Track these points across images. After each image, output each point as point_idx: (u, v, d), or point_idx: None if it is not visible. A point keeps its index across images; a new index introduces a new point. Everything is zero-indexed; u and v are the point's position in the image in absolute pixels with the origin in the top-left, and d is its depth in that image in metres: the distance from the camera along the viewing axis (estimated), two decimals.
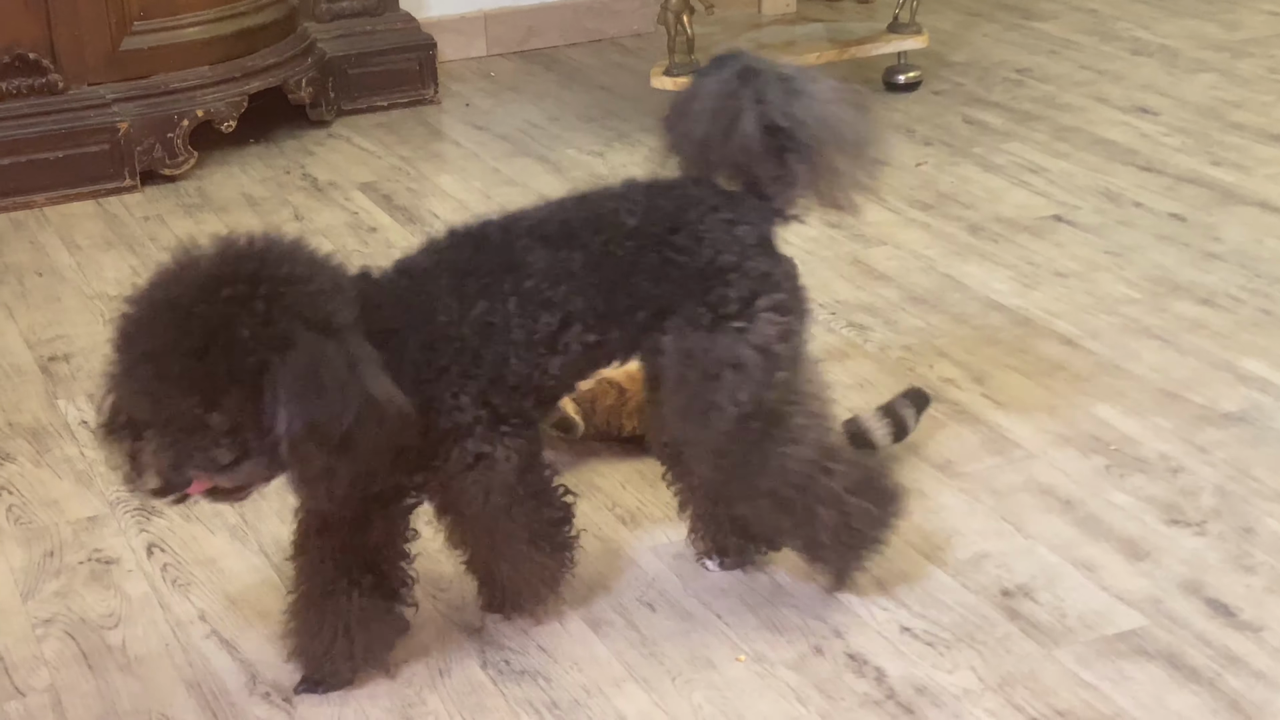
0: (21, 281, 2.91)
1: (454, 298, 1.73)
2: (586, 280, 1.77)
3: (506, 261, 1.76)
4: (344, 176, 3.36)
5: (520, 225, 1.80)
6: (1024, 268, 2.80)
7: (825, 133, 1.82)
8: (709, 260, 1.80)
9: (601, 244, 1.78)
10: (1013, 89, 3.69)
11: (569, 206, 1.83)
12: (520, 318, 1.75)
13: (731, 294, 1.80)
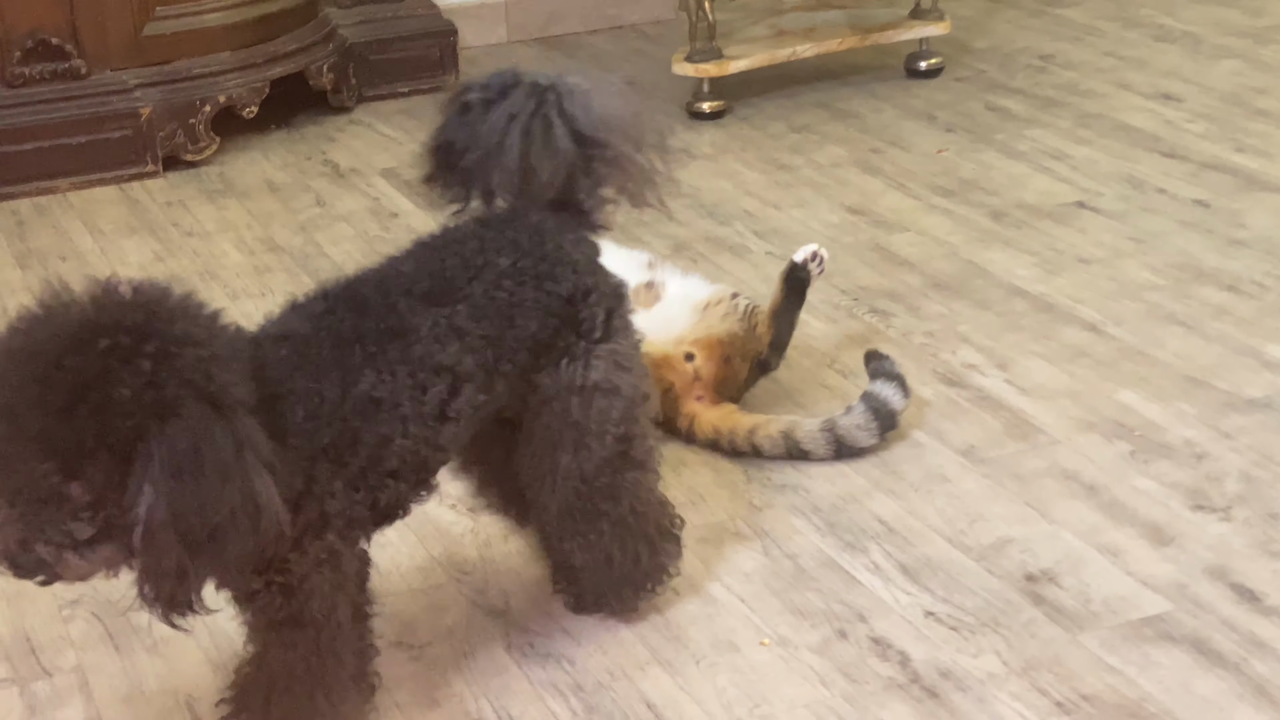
0: (45, 266, 2.92)
1: (338, 370, 1.58)
2: (475, 334, 1.67)
3: (391, 326, 1.62)
4: (365, 162, 3.36)
5: (395, 284, 1.66)
6: (1047, 254, 2.79)
7: (625, 133, 1.78)
8: (574, 285, 1.74)
9: (483, 291, 1.68)
10: (1035, 75, 3.68)
11: (434, 256, 1.71)
12: (411, 389, 1.62)
13: (597, 316, 1.76)
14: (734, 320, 2.29)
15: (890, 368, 2.29)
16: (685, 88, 3.58)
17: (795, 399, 2.38)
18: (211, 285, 2.82)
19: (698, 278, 2.39)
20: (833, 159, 3.27)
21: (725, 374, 2.28)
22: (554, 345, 1.74)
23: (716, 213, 3.04)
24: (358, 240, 2.98)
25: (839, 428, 2.20)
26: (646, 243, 2.89)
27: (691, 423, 2.26)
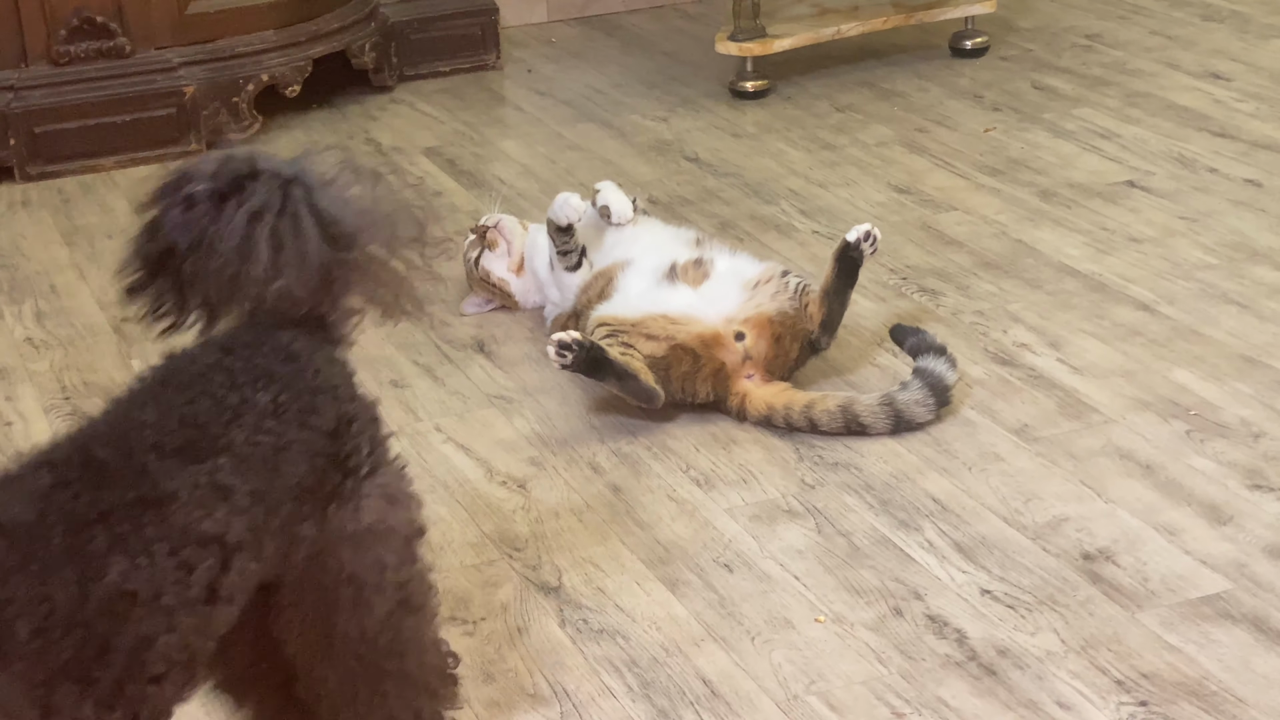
0: (92, 244, 2.92)
1: (75, 564, 1.25)
2: (242, 491, 1.36)
3: (143, 495, 1.30)
4: (408, 141, 3.36)
5: (138, 438, 1.34)
6: (1098, 233, 2.77)
7: (378, 232, 1.49)
8: (337, 416, 1.47)
9: (245, 438, 1.38)
10: (1082, 54, 3.65)
11: (178, 397, 1.39)
12: (173, 572, 1.30)
13: (361, 448, 1.48)
14: (784, 298, 2.28)
15: (930, 341, 2.27)
16: (728, 67, 3.56)
17: (845, 377, 2.37)
18: None
19: (746, 255, 2.38)
20: (878, 138, 3.25)
21: (776, 353, 2.26)
22: (320, 489, 1.44)
23: (761, 191, 3.03)
24: None
25: (897, 402, 2.19)
26: (691, 222, 2.88)
27: (743, 400, 2.24)
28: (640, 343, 2.23)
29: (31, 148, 3.18)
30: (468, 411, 2.33)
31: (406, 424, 2.29)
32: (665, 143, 3.28)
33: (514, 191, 3.07)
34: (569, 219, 2.39)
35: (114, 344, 2.55)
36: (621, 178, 3.09)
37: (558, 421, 2.29)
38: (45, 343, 2.56)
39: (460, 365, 2.46)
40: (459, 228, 2.89)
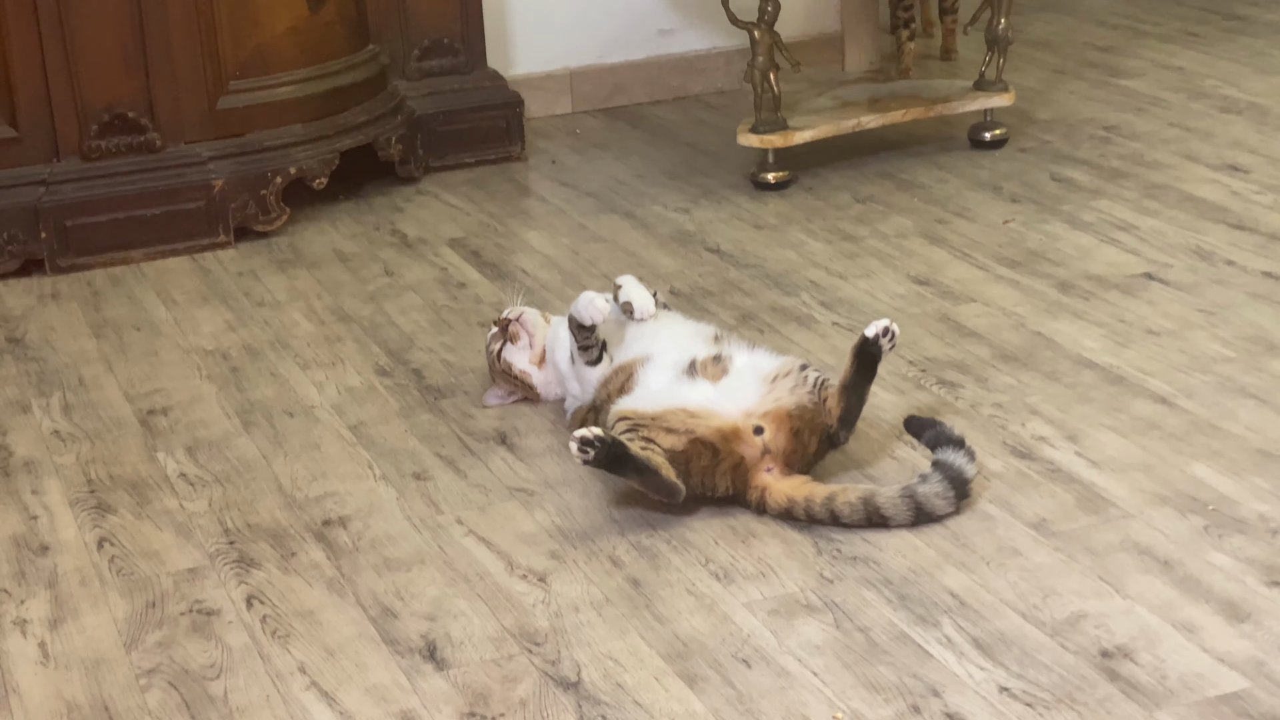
0: (120, 336, 2.96)
1: None
2: None
3: None
4: (433, 232, 3.40)
5: None
6: (1116, 326, 2.79)
7: None
8: None
9: None
10: (1100, 146, 3.68)
11: None
12: None
13: None
14: (803, 392, 2.29)
15: (948, 433, 2.29)
16: (750, 158, 3.60)
17: (864, 470, 2.38)
18: (282, 355, 2.85)
19: (765, 350, 2.40)
20: (898, 229, 3.28)
21: (794, 446, 2.28)
22: None
23: (782, 283, 3.05)
24: (426, 310, 3.01)
25: (918, 495, 2.20)
26: (713, 314, 2.91)
27: (763, 494, 2.26)
28: (660, 437, 2.25)
29: (62, 241, 3.23)
30: (489, 504, 2.34)
31: (428, 517, 2.31)
32: (687, 234, 3.32)
33: (537, 283, 3.10)
34: (593, 320, 2.41)
35: (140, 437, 2.58)
36: (644, 269, 3.13)
37: (578, 514, 2.30)
38: (72, 435, 2.59)
39: (482, 457, 2.48)
40: (482, 319, 2.93)
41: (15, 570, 2.22)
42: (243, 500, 2.37)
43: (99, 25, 3.20)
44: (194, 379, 2.77)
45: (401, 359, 2.82)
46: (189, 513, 2.35)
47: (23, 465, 2.50)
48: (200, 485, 2.42)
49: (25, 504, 2.39)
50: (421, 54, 3.73)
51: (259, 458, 2.49)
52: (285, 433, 2.57)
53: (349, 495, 2.38)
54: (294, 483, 2.42)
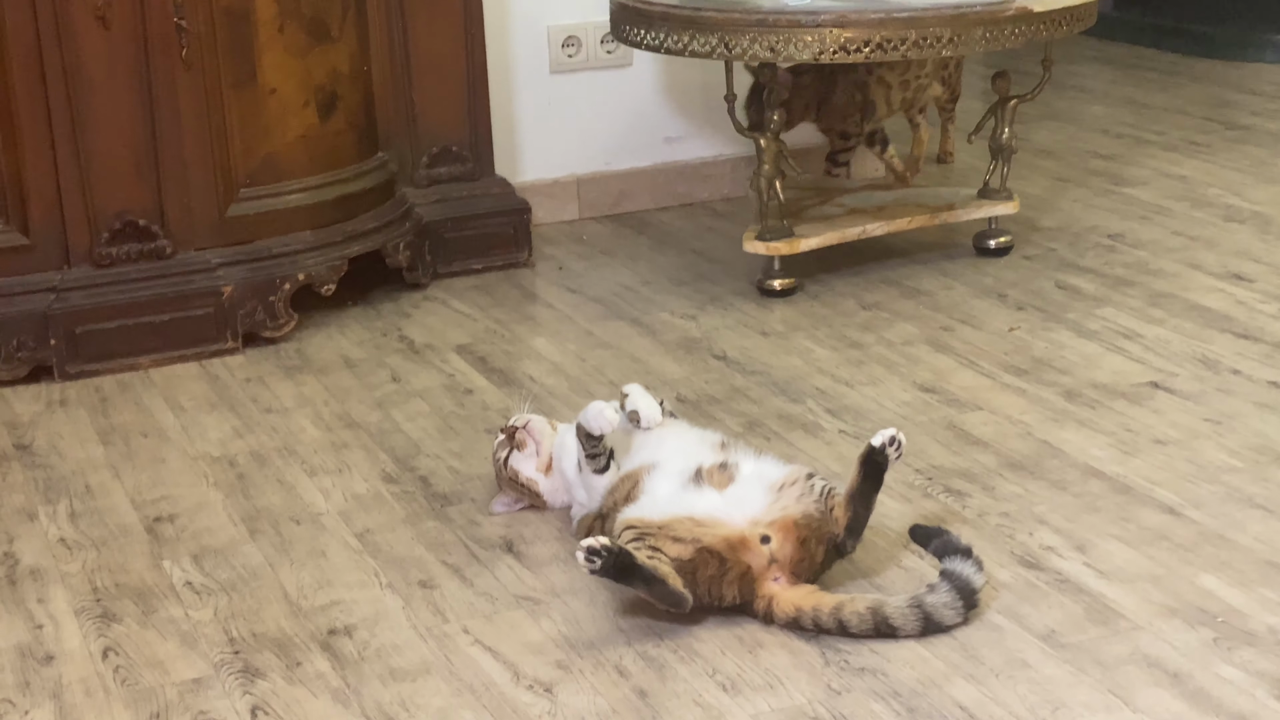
0: (128, 442, 2.97)
1: None
2: None
3: None
4: (440, 338, 3.41)
5: None
6: (1122, 435, 2.79)
7: None
8: None
9: None
10: (1105, 254, 3.71)
11: None
12: None
13: None
14: (809, 501, 2.29)
15: (955, 542, 2.29)
16: (756, 265, 3.62)
17: (871, 579, 2.37)
18: (289, 461, 2.85)
19: (771, 458, 2.40)
20: (904, 336, 3.29)
21: (802, 555, 2.27)
22: None
23: (788, 390, 3.06)
24: (433, 416, 3.01)
25: (926, 604, 2.19)
26: (719, 420, 2.91)
27: (770, 603, 2.25)
28: (667, 545, 2.25)
29: (71, 347, 3.25)
30: (495, 613, 2.34)
31: (434, 626, 2.30)
32: (694, 340, 3.33)
33: (543, 389, 3.11)
34: (602, 430, 2.42)
35: (146, 544, 2.58)
36: (650, 376, 3.13)
37: (585, 624, 2.29)
38: (78, 543, 2.59)
39: (489, 565, 2.47)
40: (489, 426, 2.93)
41: (20, 680, 2.21)
42: (248, 609, 2.37)
43: (112, 133, 3.23)
44: (201, 486, 2.77)
45: (408, 466, 2.82)
46: (194, 621, 2.34)
47: (29, 573, 2.50)
48: (206, 593, 2.41)
49: (30, 612, 2.39)
50: (430, 161, 3.76)
51: (265, 565, 2.49)
52: (291, 540, 2.57)
53: (355, 604, 2.37)
54: (300, 591, 2.41)
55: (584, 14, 4.08)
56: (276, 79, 3.40)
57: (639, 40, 3.47)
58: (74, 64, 3.18)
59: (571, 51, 4.12)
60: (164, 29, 3.22)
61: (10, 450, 2.95)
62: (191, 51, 3.26)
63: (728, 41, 3.32)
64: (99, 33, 3.18)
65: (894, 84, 3.82)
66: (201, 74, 3.28)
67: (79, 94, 3.20)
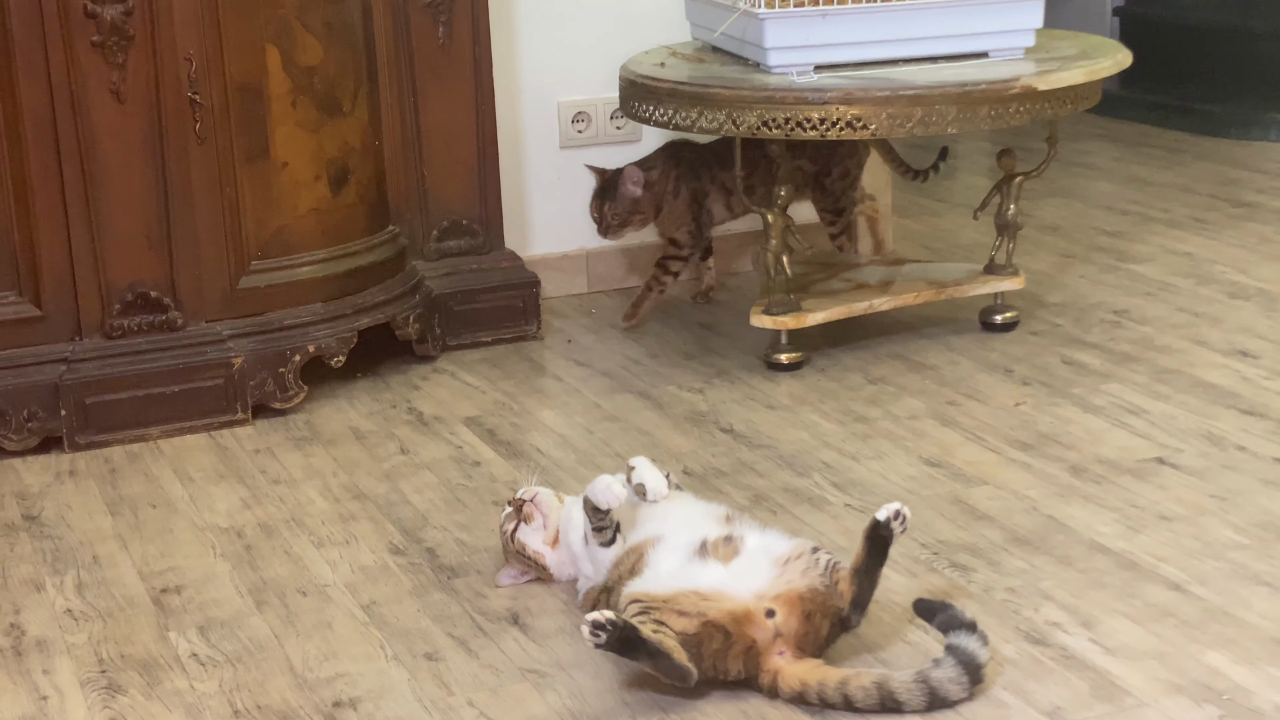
0: (136, 513, 2.98)
1: None
2: None
3: None
4: (449, 411, 3.42)
5: None
6: (1128, 510, 2.79)
7: None
8: None
9: None
10: (1110, 330, 3.72)
11: None
12: None
13: None
14: (815, 575, 2.30)
15: (960, 617, 2.28)
16: (763, 339, 3.64)
17: (876, 654, 2.37)
18: (297, 533, 2.86)
19: (776, 531, 2.41)
20: (910, 411, 3.30)
21: (807, 630, 2.28)
22: None
23: (795, 464, 3.07)
24: (441, 489, 3.02)
25: (931, 680, 2.19)
26: (725, 493, 2.92)
27: (775, 678, 2.25)
28: (672, 619, 2.25)
29: (81, 418, 3.26)
30: (501, 686, 2.34)
31: (440, 698, 2.30)
32: (701, 414, 3.34)
33: (551, 462, 3.12)
34: (608, 505, 2.43)
35: (153, 616, 2.58)
36: (658, 449, 3.14)
37: (590, 697, 2.29)
38: (85, 614, 2.60)
39: (494, 638, 2.47)
40: (497, 499, 2.94)
41: None
42: (253, 681, 2.37)
43: (124, 206, 3.27)
44: (208, 557, 2.78)
45: (415, 537, 2.83)
46: (199, 693, 2.34)
47: (35, 644, 2.51)
48: (211, 665, 2.42)
49: (36, 684, 2.39)
50: (440, 234, 3.79)
51: (271, 637, 2.49)
52: (298, 612, 2.57)
53: (360, 676, 2.37)
54: (305, 663, 2.41)
55: (594, 90, 4.13)
56: (289, 153, 3.44)
57: (648, 116, 3.51)
58: (88, 137, 3.22)
59: (581, 127, 4.15)
60: (178, 104, 3.26)
61: (19, 521, 2.96)
62: (205, 126, 3.30)
63: (735, 117, 3.35)
64: (113, 106, 3.22)
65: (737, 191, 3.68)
66: (214, 148, 3.32)
67: (93, 166, 3.23)
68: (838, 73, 3.42)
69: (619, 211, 3.78)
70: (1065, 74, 3.41)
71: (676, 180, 3.80)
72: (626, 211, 3.79)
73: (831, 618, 2.30)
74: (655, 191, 3.80)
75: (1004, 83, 3.35)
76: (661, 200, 3.81)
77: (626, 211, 3.79)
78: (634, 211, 3.79)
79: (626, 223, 3.81)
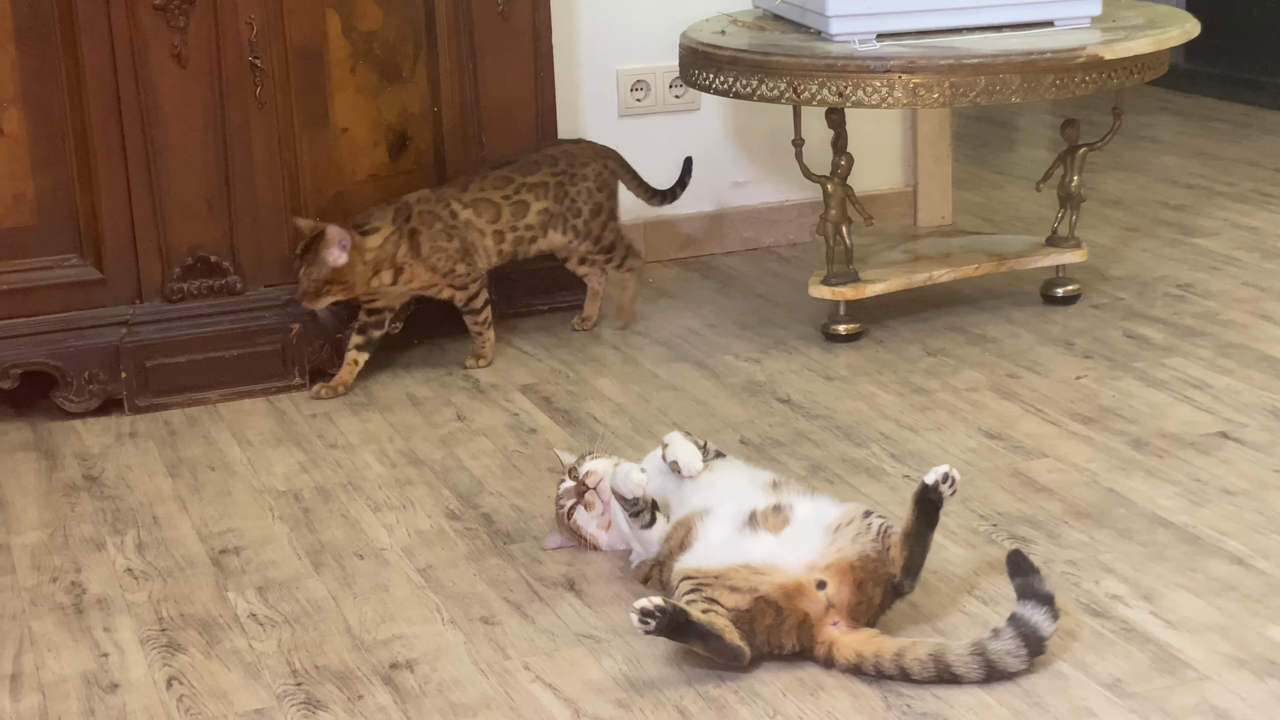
0: (195, 476, 2.99)
1: None
2: None
3: None
4: (505, 378, 3.42)
5: None
6: (1191, 485, 2.76)
7: None
8: None
9: None
10: (1174, 304, 3.68)
11: None
12: None
13: None
14: (866, 541, 2.28)
15: (1039, 586, 2.24)
16: (821, 310, 3.62)
17: (934, 624, 2.36)
18: (354, 497, 2.87)
19: (826, 497, 2.39)
20: (969, 383, 3.28)
21: (859, 599, 2.26)
22: None
23: (853, 434, 3.05)
24: (497, 455, 3.02)
25: (989, 651, 2.17)
26: (782, 463, 2.91)
27: (830, 649, 2.24)
28: (724, 596, 2.23)
29: (141, 381, 3.28)
30: (556, 650, 2.34)
31: (495, 662, 2.30)
32: (758, 384, 3.33)
33: (607, 430, 3.12)
34: (633, 494, 2.41)
35: (212, 576, 2.60)
36: (714, 419, 3.13)
37: (646, 663, 2.29)
38: (145, 573, 2.61)
39: (550, 603, 2.47)
40: (553, 465, 2.94)
41: (85, 708, 2.23)
42: (311, 641, 2.38)
43: (185, 171, 3.28)
44: (266, 519, 2.79)
45: (472, 503, 2.83)
46: (257, 653, 2.35)
47: (95, 602, 2.52)
48: (269, 625, 2.43)
49: (97, 641, 2.41)
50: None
51: (328, 599, 2.50)
52: (355, 574, 2.58)
53: (417, 639, 2.38)
54: (362, 625, 2.42)
55: (653, 58, 4.11)
56: (348, 118, 3.44)
57: (708, 84, 3.49)
58: (150, 101, 3.23)
59: (640, 95, 4.14)
60: (239, 69, 3.27)
61: (80, 481, 2.98)
62: (265, 91, 3.30)
63: (796, 86, 3.33)
64: (175, 70, 3.23)
65: (487, 231, 3.43)
66: (274, 113, 3.32)
67: (154, 130, 3.25)
68: (901, 41, 3.39)
69: (316, 276, 3.23)
70: (1132, 43, 3.37)
71: (413, 235, 3.34)
72: (324, 279, 3.24)
73: (884, 585, 2.28)
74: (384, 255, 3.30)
75: (1069, 51, 3.31)
76: (401, 264, 3.33)
77: (324, 279, 3.24)
78: (332, 280, 3.24)
79: (322, 292, 3.26)
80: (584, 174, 3.54)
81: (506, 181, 3.48)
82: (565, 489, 2.61)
